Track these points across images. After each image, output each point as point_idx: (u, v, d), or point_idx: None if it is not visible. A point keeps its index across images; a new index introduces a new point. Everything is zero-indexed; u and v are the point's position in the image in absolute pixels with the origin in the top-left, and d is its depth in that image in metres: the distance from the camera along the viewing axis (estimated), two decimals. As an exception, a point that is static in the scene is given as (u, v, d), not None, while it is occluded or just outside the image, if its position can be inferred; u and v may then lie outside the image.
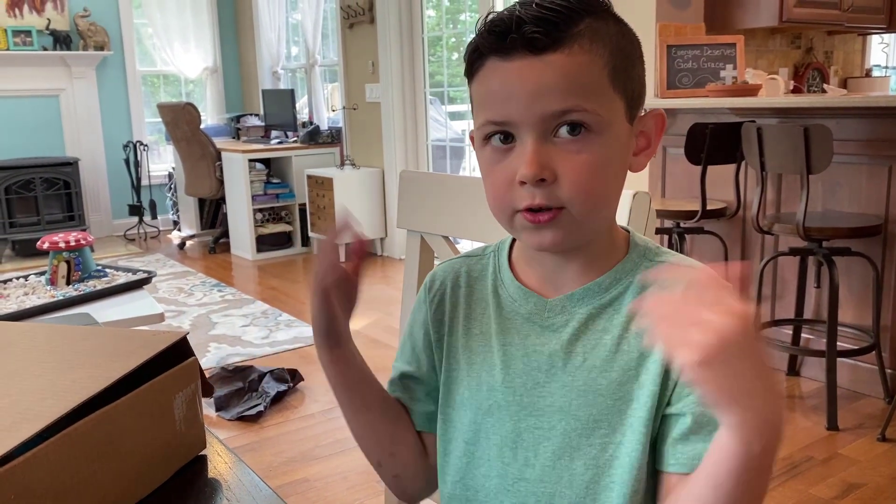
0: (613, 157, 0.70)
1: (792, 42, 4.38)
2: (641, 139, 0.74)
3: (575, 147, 0.68)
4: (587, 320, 0.73)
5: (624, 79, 0.70)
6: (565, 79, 0.67)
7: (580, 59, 0.67)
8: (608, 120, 0.69)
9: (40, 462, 0.64)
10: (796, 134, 2.51)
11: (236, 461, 0.85)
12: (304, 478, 2.36)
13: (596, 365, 0.72)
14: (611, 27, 0.70)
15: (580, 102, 0.67)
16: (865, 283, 2.81)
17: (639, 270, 0.73)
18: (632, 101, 0.71)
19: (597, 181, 0.69)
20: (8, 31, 5.85)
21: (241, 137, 6.31)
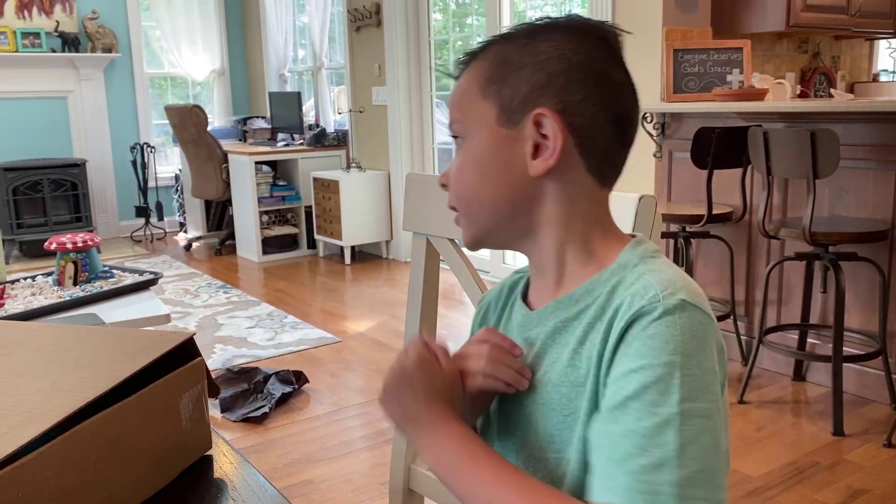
0: (481, 159, 0.75)
1: (799, 46, 4.38)
2: (542, 145, 0.72)
3: (456, 154, 0.78)
4: (553, 333, 0.74)
5: (498, 86, 0.73)
6: (451, 96, 0.78)
7: (463, 78, 0.77)
8: (471, 126, 0.75)
9: (48, 461, 0.64)
10: (803, 138, 2.50)
11: (242, 462, 0.86)
12: (308, 479, 2.36)
13: (552, 379, 0.72)
14: (508, 44, 0.75)
15: (456, 111, 0.77)
16: (872, 289, 2.80)
17: (612, 280, 0.71)
18: (508, 106, 0.73)
19: (464, 181, 0.76)
20: (17, 33, 5.88)
21: (248, 140, 6.33)
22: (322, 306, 4.36)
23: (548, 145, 0.72)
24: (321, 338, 3.71)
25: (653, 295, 0.65)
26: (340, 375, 3.24)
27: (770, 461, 2.40)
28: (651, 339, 0.63)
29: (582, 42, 0.73)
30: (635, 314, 0.64)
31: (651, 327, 0.63)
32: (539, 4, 4.74)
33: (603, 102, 0.72)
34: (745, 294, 3.28)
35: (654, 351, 0.62)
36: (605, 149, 0.73)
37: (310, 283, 4.98)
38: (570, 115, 0.71)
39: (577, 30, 0.74)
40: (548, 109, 0.71)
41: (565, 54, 0.72)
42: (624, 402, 0.62)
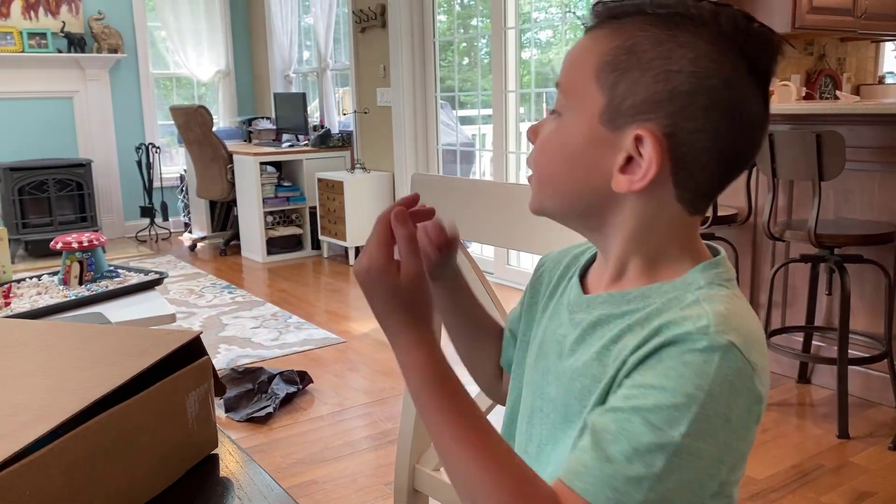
0: (570, 147, 0.70)
1: (804, 48, 4.37)
2: (635, 161, 0.66)
3: (552, 120, 0.72)
4: (595, 324, 0.72)
5: (615, 78, 0.66)
6: (568, 56, 0.71)
7: (587, 43, 0.70)
8: (574, 105, 0.70)
9: (55, 459, 0.65)
10: (808, 140, 2.50)
11: (248, 461, 0.86)
12: (312, 479, 2.36)
13: (578, 367, 0.71)
14: (648, 30, 0.66)
15: (563, 79, 0.71)
16: (877, 291, 2.79)
17: (671, 294, 0.67)
18: (617, 106, 0.66)
19: (546, 158, 0.72)
20: (23, 34, 5.90)
21: (253, 140, 6.34)
22: (326, 307, 4.36)
23: (640, 165, 0.65)
24: (325, 338, 3.71)
25: (704, 325, 0.61)
26: (344, 376, 3.24)
27: (775, 463, 2.40)
28: (685, 366, 0.60)
29: (725, 61, 0.64)
30: (679, 336, 0.61)
31: (689, 355, 0.60)
32: (544, 6, 4.74)
33: (719, 139, 0.65)
34: (749, 296, 3.27)
35: (682, 379, 0.60)
36: (702, 184, 0.67)
37: (314, 283, 4.98)
38: (678, 143, 0.64)
39: (728, 41, 0.64)
40: (655, 130, 0.64)
41: (698, 72, 0.64)
42: (634, 409, 0.60)
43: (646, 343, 0.63)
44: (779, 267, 2.90)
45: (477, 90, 5.02)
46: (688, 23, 0.65)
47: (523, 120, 4.71)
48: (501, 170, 4.67)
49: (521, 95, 4.63)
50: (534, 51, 4.71)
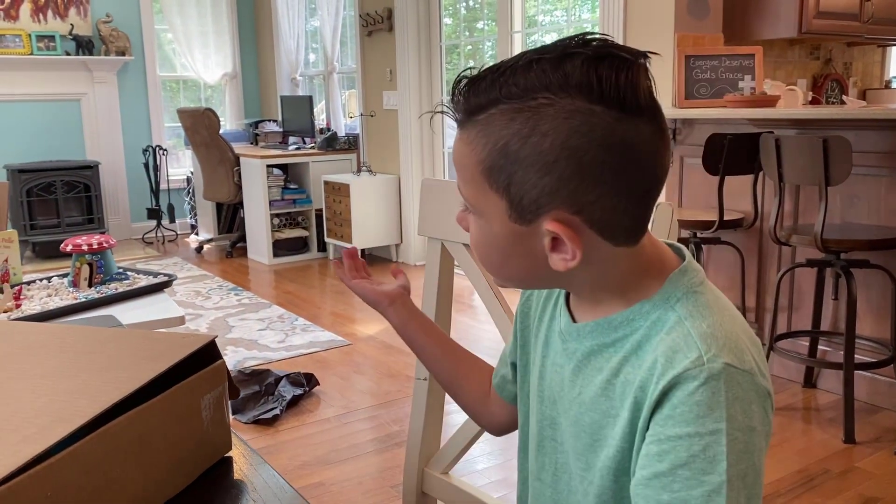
0: (499, 244, 0.71)
1: (811, 53, 4.37)
2: (559, 240, 0.67)
3: (472, 219, 0.74)
4: (589, 355, 0.74)
5: (505, 181, 0.67)
6: (454, 156, 0.72)
7: (464, 147, 0.69)
8: (483, 211, 0.71)
9: (75, 461, 0.66)
10: (815, 145, 2.50)
11: (261, 463, 0.87)
12: (319, 482, 2.37)
13: (585, 401, 0.73)
14: (511, 125, 0.65)
15: (460, 185, 0.72)
16: (884, 296, 2.79)
17: (653, 315, 0.69)
18: (518, 205, 0.67)
19: (484, 256, 0.74)
20: (32, 36, 5.93)
21: (260, 143, 6.36)
22: (332, 309, 4.37)
23: (566, 246, 0.67)
24: (331, 340, 3.73)
25: (696, 357, 0.64)
26: (350, 378, 3.25)
27: (781, 468, 2.40)
28: (697, 405, 0.63)
29: (593, 122, 0.63)
30: (678, 377, 0.64)
31: (697, 393, 0.63)
32: (549, 9, 4.75)
33: (623, 189, 0.66)
34: (755, 300, 3.27)
35: (700, 419, 0.62)
36: (630, 226, 0.69)
37: (320, 285, 4.99)
38: (589, 214, 0.66)
39: (586, 95, 0.63)
40: (562, 215, 0.66)
41: (575, 153, 0.63)
42: (673, 469, 0.63)
43: (648, 386, 0.66)
44: (785, 271, 2.90)
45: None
46: (542, 106, 0.64)
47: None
48: (507, 173, 4.67)
49: (527, 99, 4.63)
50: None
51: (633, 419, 0.68)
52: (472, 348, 1.03)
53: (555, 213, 0.66)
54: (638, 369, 0.68)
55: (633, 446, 0.68)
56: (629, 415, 0.68)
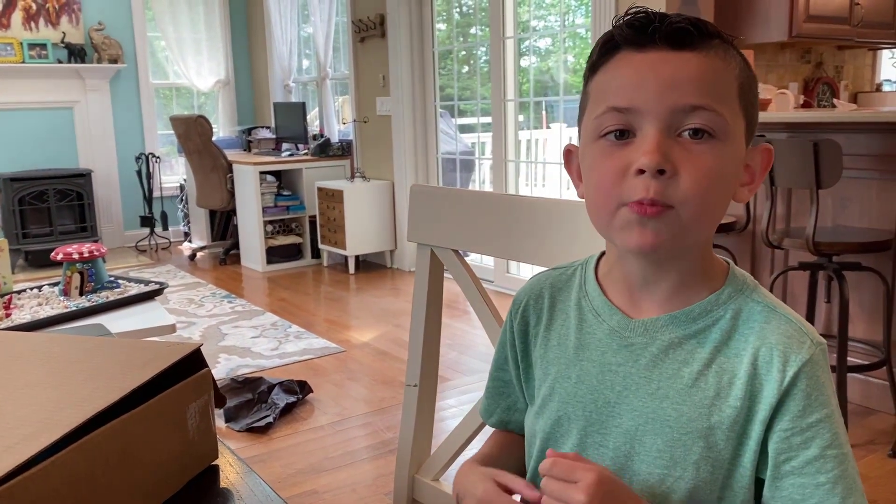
0: (730, 170, 0.70)
1: (802, 57, 4.39)
2: (747, 173, 0.73)
3: (699, 148, 0.67)
4: (668, 347, 0.72)
5: (748, 101, 0.71)
6: (702, 76, 0.67)
7: (717, 63, 0.69)
8: (732, 130, 0.69)
9: (58, 471, 0.65)
10: (806, 149, 2.51)
11: (248, 471, 0.86)
12: (312, 489, 2.36)
13: (669, 395, 0.71)
14: (736, 55, 0.72)
15: (712, 102, 0.67)
16: (876, 298, 2.80)
17: (732, 305, 0.72)
18: (750, 126, 0.72)
19: (713, 187, 0.67)
20: (24, 45, 5.92)
21: (253, 150, 6.35)
22: (326, 316, 4.36)
23: (753, 177, 0.73)
24: (325, 347, 3.72)
25: (809, 344, 0.69)
26: (344, 385, 3.24)
27: (774, 471, 2.40)
28: (822, 387, 0.69)
29: None
30: (805, 364, 0.68)
31: (817, 375, 0.69)
32: (542, 15, 4.77)
33: None
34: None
35: (824, 398, 0.68)
36: None
37: (314, 292, 4.99)
38: None
39: None
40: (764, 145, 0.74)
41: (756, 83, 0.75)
42: (823, 452, 0.67)
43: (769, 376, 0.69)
44: (777, 275, 2.91)
45: (476, 98, 5.04)
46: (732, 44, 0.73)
47: (522, 128, 4.73)
48: (501, 178, 4.68)
49: (520, 104, 4.64)
50: (533, 59, 4.73)
51: (749, 411, 0.69)
52: (465, 353, 1.02)
53: (763, 143, 0.74)
54: (737, 360, 0.70)
55: (746, 437, 0.69)
56: (741, 405, 0.69)
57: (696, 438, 0.69)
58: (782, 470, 0.68)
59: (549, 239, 1.06)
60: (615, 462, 0.73)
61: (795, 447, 0.67)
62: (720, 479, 0.70)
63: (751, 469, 0.69)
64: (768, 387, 0.68)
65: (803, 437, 0.67)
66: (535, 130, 4.88)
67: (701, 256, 0.73)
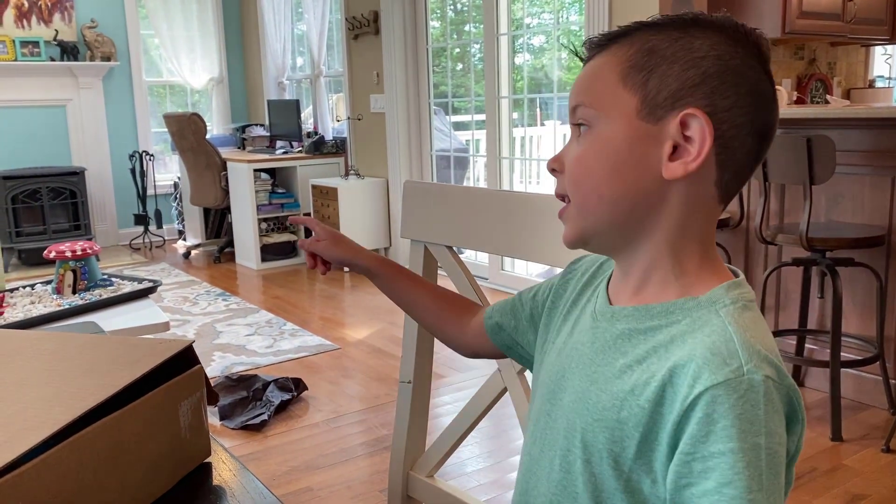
0: (612, 151, 0.70)
1: (795, 53, 4.40)
2: (681, 147, 0.68)
3: (579, 139, 0.73)
4: (619, 336, 0.72)
5: (644, 76, 0.69)
6: (578, 80, 0.74)
7: (598, 61, 0.73)
8: (605, 113, 0.70)
9: (48, 469, 0.65)
10: (799, 145, 2.52)
11: (241, 469, 0.86)
12: (307, 487, 2.36)
13: (598, 381, 0.72)
14: (660, 33, 0.70)
15: (585, 98, 0.72)
16: (869, 294, 2.81)
17: (696, 314, 0.68)
18: (653, 100, 0.68)
19: (585, 171, 0.72)
20: (16, 42, 5.90)
21: (247, 147, 6.34)
22: (321, 313, 4.36)
23: (689, 149, 0.68)
24: (320, 345, 3.71)
25: (737, 367, 0.62)
26: (339, 382, 3.24)
27: (768, 467, 2.40)
28: (738, 419, 0.61)
29: (738, 46, 0.69)
30: (718, 387, 0.62)
31: (738, 406, 0.61)
32: (536, 12, 4.76)
33: (751, 113, 0.69)
34: (742, 300, 3.28)
35: (742, 433, 0.61)
36: (740, 162, 0.70)
37: (308, 290, 4.98)
38: (718, 121, 0.68)
39: (733, 32, 0.70)
40: (696, 110, 0.67)
41: (722, 56, 0.68)
42: (719, 487, 0.61)
43: (681, 385, 0.64)
44: (771, 270, 2.91)
45: (470, 96, 5.04)
46: (691, 25, 0.70)
47: (516, 125, 4.73)
48: (495, 175, 4.68)
49: (514, 101, 4.64)
50: (527, 56, 4.73)
51: (657, 417, 0.65)
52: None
53: (690, 109, 0.67)
54: (665, 363, 0.66)
55: (655, 444, 0.66)
56: (649, 407, 0.65)
57: (604, 429, 0.69)
58: (683, 495, 0.64)
59: (544, 235, 1.06)
60: (560, 432, 0.75)
61: (696, 474, 0.62)
62: (623, 479, 0.68)
63: (660, 481, 0.66)
64: (675, 399, 0.64)
65: (704, 465, 0.62)
66: (530, 127, 4.88)
67: (668, 256, 0.71)
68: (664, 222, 0.71)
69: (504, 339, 0.94)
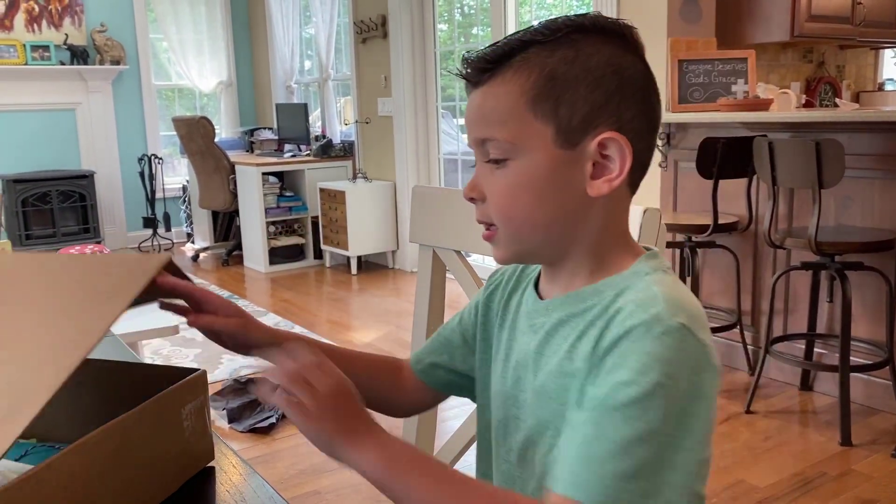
0: (537, 181, 0.72)
1: (804, 56, 4.38)
2: (601, 164, 0.72)
3: (498, 173, 0.74)
4: (557, 325, 0.75)
5: (552, 105, 0.70)
6: (480, 110, 0.74)
7: (497, 90, 0.72)
8: (523, 146, 0.72)
9: (52, 474, 0.65)
10: (808, 148, 2.50)
11: (250, 472, 0.86)
12: (315, 490, 2.36)
13: (552, 369, 0.73)
14: (553, 55, 0.71)
15: (494, 131, 0.72)
16: (879, 298, 2.79)
17: (622, 284, 0.72)
18: (567, 127, 0.70)
19: (514, 204, 0.73)
20: (27, 46, 5.93)
21: (255, 151, 6.36)
22: (328, 316, 4.36)
23: (609, 166, 0.71)
24: (327, 348, 3.71)
25: (657, 312, 0.65)
26: (347, 386, 3.24)
27: (777, 471, 2.39)
28: (646, 355, 0.64)
29: (624, 50, 0.72)
30: (635, 324, 0.65)
31: (648, 344, 0.64)
32: (544, 15, 4.76)
33: (648, 113, 0.73)
34: (751, 304, 3.27)
35: (646, 368, 0.63)
36: (645, 158, 0.75)
37: (316, 293, 4.99)
38: (626, 132, 0.71)
39: (615, 36, 0.73)
40: (613, 132, 0.70)
41: (618, 69, 0.71)
42: (609, 410, 0.63)
43: (605, 332, 0.67)
44: (780, 275, 2.90)
45: (478, 99, 5.03)
46: (578, 36, 0.71)
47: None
48: (503, 179, 4.67)
49: (521, 104, 4.63)
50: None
51: (593, 357, 0.68)
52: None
53: (601, 129, 0.71)
54: (598, 328, 0.69)
55: None
56: (585, 365, 0.68)
57: (568, 407, 0.70)
58: (573, 409, 0.67)
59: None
60: (524, 432, 0.77)
61: (591, 398, 0.65)
62: None
63: None
64: (603, 343, 0.67)
65: (598, 391, 0.65)
66: (537, 131, 4.87)
67: (594, 253, 0.74)
68: (591, 229, 0.74)
69: (442, 377, 0.94)
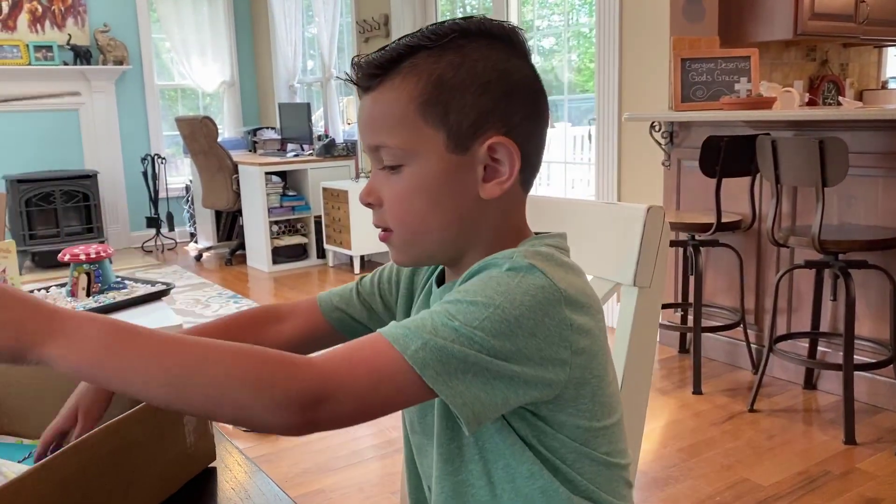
0: (430, 187, 0.72)
1: (807, 54, 4.38)
2: (491, 167, 0.73)
3: (393, 179, 0.74)
4: None
5: (441, 111, 0.71)
6: (371, 116, 0.74)
7: (387, 96, 0.73)
8: (415, 152, 0.72)
9: (50, 475, 0.65)
10: (811, 147, 2.50)
11: (255, 470, 0.87)
12: (319, 489, 2.37)
13: None
14: (440, 60, 0.71)
15: (386, 138, 0.73)
16: (882, 296, 2.79)
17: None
18: (458, 132, 0.71)
19: (409, 209, 0.74)
20: (30, 47, 5.94)
21: (258, 150, 6.36)
22: (332, 316, 4.36)
23: (500, 170, 0.72)
24: (331, 347, 3.72)
25: (509, 254, 0.68)
26: (350, 385, 3.24)
27: (781, 470, 2.39)
28: (489, 279, 0.65)
29: (508, 53, 0.73)
30: (486, 263, 0.68)
31: (494, 274, 0.66)
32: (546, 14, 4.76)
33: (534, 115, 0.74)
34: (754, 302, 3.27)
35: (484, 288, 0.64)
36: (536, 157, 0.76)
37: (319, 292, 4.98)
38: (515, 136, 0.72)
39: (500, 39, 0.73)
40: (500, 136, 0.72)
41: (503, 73, 0.72)
42: (441, 310, 0.64)
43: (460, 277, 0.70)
44: (783, 273, 2.90)
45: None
46: (464, 41, 0.72)
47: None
48: (505, 178, 4.68)
49: (524, 103, 4.63)
50: (537, 58, 4.72)
51: None
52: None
53: (490, 134, 0.71)
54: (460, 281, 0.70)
55: None
56: None
57: None
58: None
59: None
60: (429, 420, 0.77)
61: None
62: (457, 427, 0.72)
63: None
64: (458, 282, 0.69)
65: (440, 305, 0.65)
66: (540, 130, 4.87)
67: (493, 248, 0.74)
68: (486, 230, 0.75)
69: (338, 317, 0.98)
